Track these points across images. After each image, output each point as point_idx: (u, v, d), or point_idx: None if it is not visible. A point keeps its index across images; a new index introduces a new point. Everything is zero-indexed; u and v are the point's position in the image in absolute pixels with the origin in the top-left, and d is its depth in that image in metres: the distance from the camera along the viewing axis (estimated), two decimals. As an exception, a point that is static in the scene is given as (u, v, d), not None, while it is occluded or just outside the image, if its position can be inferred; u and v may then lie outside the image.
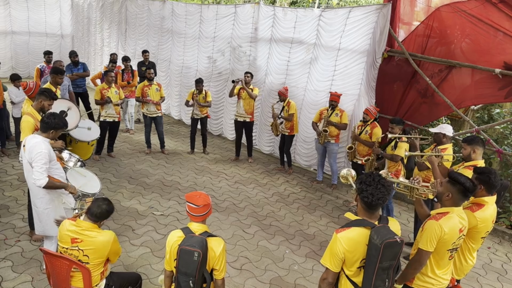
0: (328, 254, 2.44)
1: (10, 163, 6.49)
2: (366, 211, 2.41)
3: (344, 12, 6.47)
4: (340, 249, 2.35)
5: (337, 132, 6.38)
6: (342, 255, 2.37)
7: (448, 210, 2.75)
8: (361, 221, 2.40)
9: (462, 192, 2.70)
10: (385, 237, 2.25)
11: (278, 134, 7.08)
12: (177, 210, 5.52)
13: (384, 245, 2.24)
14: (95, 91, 6.85)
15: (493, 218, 3.14)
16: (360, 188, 2.38)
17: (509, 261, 5.10)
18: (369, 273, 2.33)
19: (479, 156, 3.78)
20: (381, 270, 2.31)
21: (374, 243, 2.27)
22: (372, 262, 2.30)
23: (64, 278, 2.93)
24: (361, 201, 2.40)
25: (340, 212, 5.95)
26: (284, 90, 6.80)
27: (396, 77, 6.33)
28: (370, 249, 2.31)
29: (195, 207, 2.66)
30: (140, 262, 4.27)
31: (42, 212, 3.72)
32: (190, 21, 9.05)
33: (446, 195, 2.75)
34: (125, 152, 7.64)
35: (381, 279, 2.35)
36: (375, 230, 2.31)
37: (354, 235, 2.36)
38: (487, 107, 6.99)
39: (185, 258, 2.52)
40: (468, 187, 2.68)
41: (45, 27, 13.40)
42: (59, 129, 3.68)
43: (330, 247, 2.42)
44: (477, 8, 5.24)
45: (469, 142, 3.80)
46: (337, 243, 2.36)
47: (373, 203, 2.33)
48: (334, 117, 6.28)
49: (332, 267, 2.42)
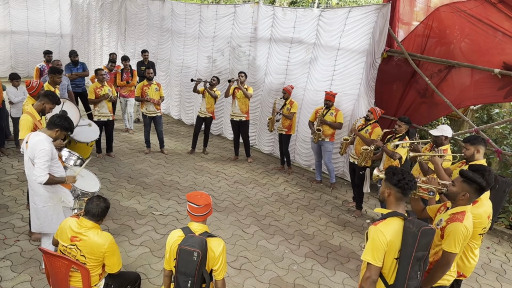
0: (369, 249, 2.42)
1: (9, 162, 6.49)
2: (400, 200, 2.51)
3: (343, 12, 6.47)
4: (383, 240, 2.37)
5: (331, 131, 6.37)
6: (385, 247, 2.39)
7: (464, 209, 2.78)
8: (394, 213, 2.48)
9: (478, 191, 2.75)
10: (421, 225, 2.34)
11: (272, 130, 7.10)
12: (177, 210, 5.52)
13: (421, 233, 2.31)
14: (89, 90, 6.83)
15: (488, 214, 3.15)
16: (396, 179, 2.48)
17: (508, 261, 5.11)
18: (405, 264, 2.37)
19: (482, 155, 3.73)
20: (415, 260, 2.37)
21: (411, 231, 2.34)
22: (409, 251, 2.35)
23: (63, 277, 2.93)
24: (397, 190, 2.49)
25: (339, 212, 5.95)
26: (289, 87, 6.82)
27: (395, 77, 6.33)
28: (406, 238, 2.36)
29: (196, 207, 2.65)
30: (139, 261, 4.27)
31: (40, 210, 3.73)
32: (190, 21, 9.04)
33: (462, 194, 2.76)
34: (124, 151, 7.63)
35: (414, 270, 2.40)
36: (409, 221, 2.40)
37: (393, 225, 2.42)
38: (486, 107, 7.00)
39: (185, 258, 2.52)
40: (484, 186, 2.72)
41: (45, 27, 13.38)
42: (64, 130, 3.70)
43: (372, 241, 2.42)
44: (476, 8, 5.24)
45: (472, 142, 3.72)
46: (379, 235, 2.38)
47: (413, 187, 2.48)
48: (329, 116, 6.27)
49: (376, 261, 2.40)
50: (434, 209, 3.10)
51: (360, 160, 5.53)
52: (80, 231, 2.92)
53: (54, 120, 3.65)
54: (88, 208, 2.99)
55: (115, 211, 5.31)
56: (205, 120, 7.63)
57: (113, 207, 5.40)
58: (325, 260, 4.66)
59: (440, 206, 3.08)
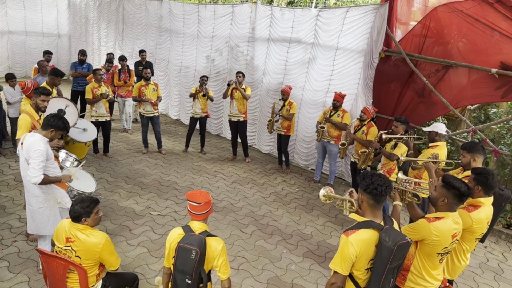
0: (338, 258, 2.38)
1: (7, 163, 6.47)
2: (374, 207, 2.40)
3: (341, 12, 6.47)
4: (352, 252, 2.31)
5: (337, 133, 6.36)
6: (353, 258, 2.33)
7: (443, 215, 2.69)
8: (369, 223, 2.38)
9: (457, 197, 2.65)
10: (397, 239, 2.25)
11: (271, 132, 7.10)
12: (174, 210, 5.51)
13: (397, 247, 2.23)
14: (86, 90, 6.81)
15: (488, 219, 3.11)
16: (365, 184, 2.38)
17: (505, 260, 5.12)
18: (378, 274, 2.31)
19: (479, 164, 3.63)
20: (389, 271, 2.32)
21: (387, 245, 2.25)
22: (383, 263, 2.28)
23: (60, 278, 2.93)
24: (368, 197, 2.39)
25: (337, 212, 5.95)
26: (287, 88, 6.79)
27: (393, 77, 6.33)
28: (381, 251, 2.28)
29: (196, 205, 2.65)
30: (137, 262, 4.26)
31: (36, 211, 3.70)
32: (188, 21, 9.03)
33: (441, 200, 2.70)
34: (122, 152, 7.62)
35: (388, 279, 2.35)
36: (385, 232, 2.30)
37: (365, 237, 2.33)
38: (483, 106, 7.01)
39: (183, 255, 2.52)
40: (463, 191, 2.63)
41: (42, 27, 13.34)
42: (59, 130, 3.67)
43: (341, 251, 2.37)
44: (473, 8, 5.25)
45: (469, 149, 3.64)
46: (348, 246, 2.31)
47: (383, 193, 2.33)
48: (336, 118, 6.27)
49: (343, 270, 2.36)
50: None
51: (360, 163, 5.55)
52: (73, 232, 2.92)
53: (49, 120, 3.62)
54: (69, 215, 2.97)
55: (112, 211, 5.30)
56: (199, 120, 7.64)
57: (110, 207, 5.39)
58: (323, 260, 4.67)
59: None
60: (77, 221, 2.94)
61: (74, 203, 2.97)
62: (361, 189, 2.43)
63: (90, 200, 2.98)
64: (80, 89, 8.37)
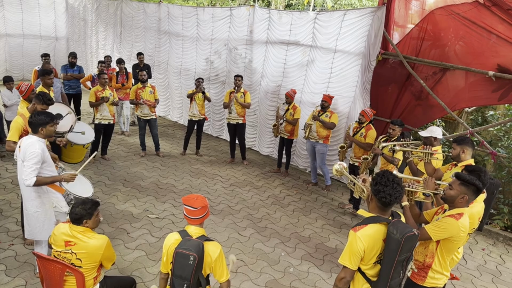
0: (347, 253, 2.46)
1: (4, 166, 6.44)
2: (381, 209, 2.47)
3: (339, 15, 6.49)
4: (360, 247, 2.39)
5: (326, 133, 6.36)
6: (362, 253, 2.41)
7: (462, 211, 2.80)
8: (376, 218, 2.45)
9: (475, 193, 2.79)
10: (405, 231, 2.31)
11: (277, 135, 7.10)
12: (172, 213, 5.50)
13: (405, 239, 2.30)
14: (90, 93, 6.82)
15: (480, 215, 3.19)
16: (376, 189, 2.42)
17: (503, 263, 5.13)
18: (388, 267, 2.38)
19: (468, 156, 3.79)
20: (398, 263, 2.38)
21: (394, 237, 2.32)
22: (392, 256, 2.35)
23: (57, 282, 2.91)
24: (377, 201, 2.45)
25: (335, 214, 5.95)
26: (292, 92, 6.76)
27: (390, 79, 6.36)
28: (389, 243, 2.35)
29: (192, 210, 2.64)
30: (134, 265, 4.25)
31: (31, 215, 3.68)
32: (187, 23, 9.04)
33: (461, 197, 2.79)
34: (119, 154, 7.60)
35: (397, 271, 2.41)
36: (392, 225, 2.37)
37: (372, 232, 2.40)
38: (481, 109, 7.05)
39: (181, 261, 2.51)
40: (481, 187, 2.77)
41: (40, 30, 13.31)
42: (47, 124, 3.59)
43: (349, 246, 2.44)
44: (470, 11, 5.28)
45: (459, 142, 3.81)
46: (357, 241, 2.40)
47: (392, 202, 2.40)
48: (324, 118, 6.27)
49: (352, 265, 2.44)
50: (431, 213, 3.12)
51: (361, 170, 5.55)
52: (74, 235, 2.90)
53: (31, 123, 3.56)
54: (70, 217, 2.96)
55: (110, 214, 5.28)
56: (197, 122, 7.65)
57: (108, 210, 5.38)
58: (321, 262, 4.66)
59: (437, 209, 3.09)
60: (78, 223, 2.93)
61: (75, 205, 2.97)
62: (372, 191, 2.49)
63: (91, 202, 3.00)
64: (72, 91, 8.38)
